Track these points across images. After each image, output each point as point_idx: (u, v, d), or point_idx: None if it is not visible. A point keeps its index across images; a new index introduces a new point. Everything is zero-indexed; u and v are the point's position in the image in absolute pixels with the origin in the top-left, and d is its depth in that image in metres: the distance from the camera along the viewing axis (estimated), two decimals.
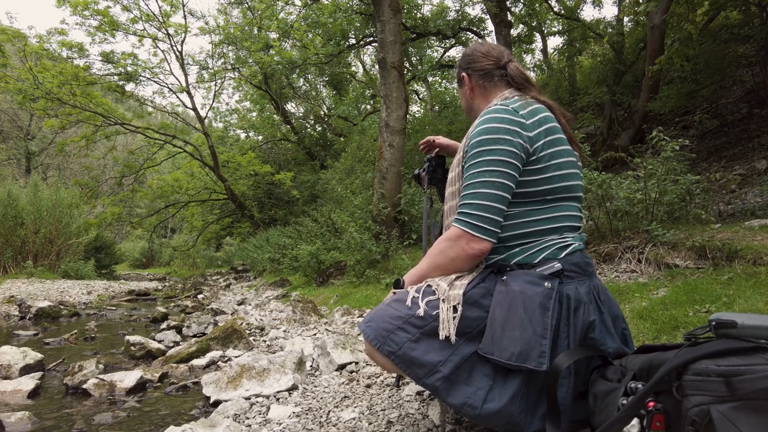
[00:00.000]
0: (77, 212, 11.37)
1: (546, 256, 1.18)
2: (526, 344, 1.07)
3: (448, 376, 1.11)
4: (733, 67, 6.90)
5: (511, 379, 1.10)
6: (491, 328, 1.12)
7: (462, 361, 1.12)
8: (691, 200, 3.48)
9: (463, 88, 1.45)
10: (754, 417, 0.75)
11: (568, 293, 1.14)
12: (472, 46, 1.46)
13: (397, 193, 6.31)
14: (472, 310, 1.15)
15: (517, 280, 1.15)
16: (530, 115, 1.21)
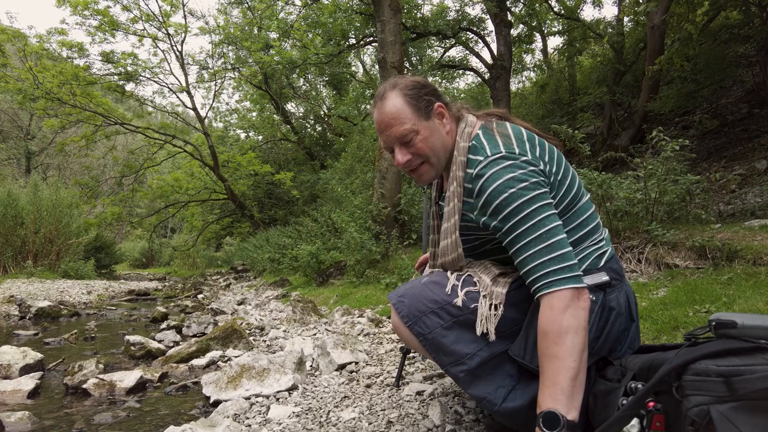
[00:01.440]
0: (77, 212, 11.38)
1: (587, 267, 1.15)
2: None
3: (473, 370, 1.11)
4: (733, 67, 6.90)
5: (534, 383, 1.07)
6: (527, 332, 1.10)
7: (490, 357, 1.11)
8: (691, 200, 3.48)
9: (433, 122, 1.21)
10: (754, 417, 0.75)
11: (611, 305, 1.13)
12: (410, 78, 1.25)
13: (397, 193, 6.31)
14: (512, 311, 1.13)
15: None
16: (525, 142, 1.15)
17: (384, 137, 1.22)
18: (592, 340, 1.09)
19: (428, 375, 1.92)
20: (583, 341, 0.99)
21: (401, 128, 1.18)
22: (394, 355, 2.33)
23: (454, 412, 1.50)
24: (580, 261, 1.14)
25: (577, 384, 0.97)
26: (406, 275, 4.63)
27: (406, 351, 1.87)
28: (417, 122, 1.19)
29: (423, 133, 1.19)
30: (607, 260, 1.18)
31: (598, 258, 1.17)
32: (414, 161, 1.22)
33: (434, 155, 1.21)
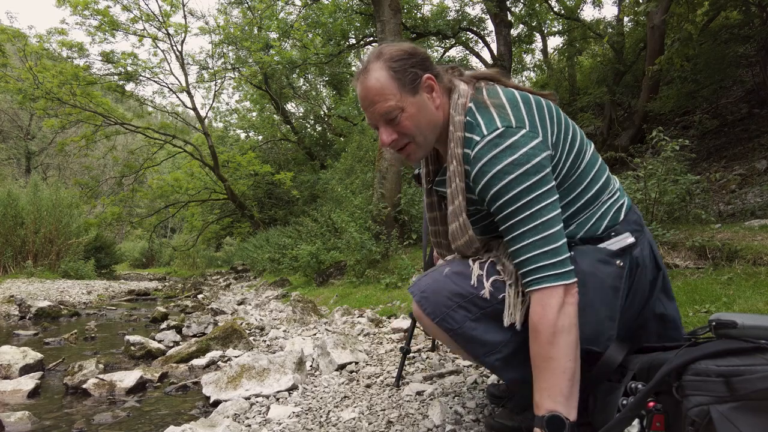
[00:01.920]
0: (77, 212, 11.38)
1: (608, 224, 1.11)
2: (595, 329, 1.04)
3: (507, 356, 1.09)
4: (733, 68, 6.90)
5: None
6: None
7: (523, 342, 1.07)
8: (691, 200, 3.48)
9: (420, 97, 1.10)
10: (754, 417, 0.75)
11: (638, 261, 1.10)
12: (396, 46, 1.13)
13: (397, 193, 6.31)
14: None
15: (586, 259, 1.06)
16: (521, 107, 1.06)
17: (368, 113, 1.12)
18: (623, 298, 1.07)
19: (428, 375, 1.92)
20: (576, 339, 0.98)
21: (385, 105, 1.08)
22: (394, 355, 2.33)
23: (454, 412, 1.50)
24: (599, 219, 1.11)
25: (574, 383, 0.96)
26: (406, 275, 4.63)
27: (406, 351, 1.87)
28: (402, 98, 1.08)
29: (409, 110, 1.09)
30: (627, 212, 1.14)
31: (618, 211, 1.13)
32: (400, 141, 1.13)
33: (421, 134, 1.12)
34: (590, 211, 1.12)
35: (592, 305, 1.03)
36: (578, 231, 1.11)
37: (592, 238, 1.11)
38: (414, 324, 1.95)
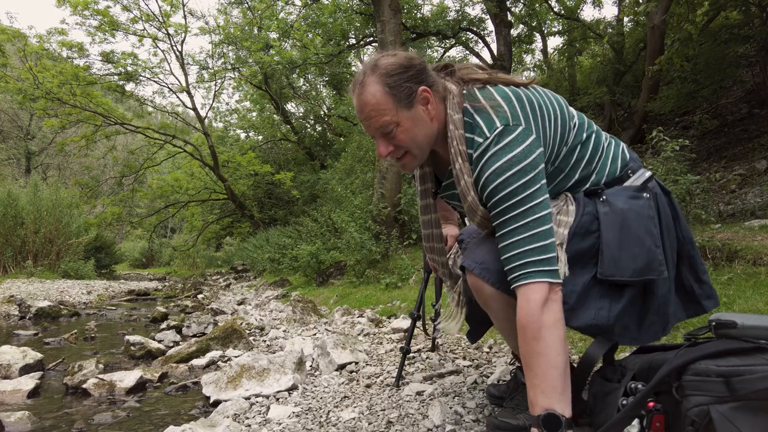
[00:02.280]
0: (77, 212, 11.39)
1: (621, 164, 1.20)
2: (645, 258, 1.10)
3: (573, 306, 1.11)
4: (733, 68, 6.90)
5: (624, 293, 1.13)
6: (608, 250, 1.11)
7: (583, 288, 1.12)
8: (691, 200, 3.48)
9: (416, 110, 1.12)
10: (754, 417, 0.75)
11: (655, 191, 1.18)
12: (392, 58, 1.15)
13: (397, 193, 6.31)
14: (585, 240, 1.13)
15: (619, 198, 1.14)
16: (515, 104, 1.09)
17: (364, 125, 1.16)
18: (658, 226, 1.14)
19: (428, 375, 1.92)
20: (562, 334, 0.99)
21: (380, 120, 1.11)
22: (394, 355, 2.33)
23: (454, 412, 1.50)
24: (613, 160, 1.20)
25: (566, 378, 0.98)
26: (406, 275, 4.63)
27: (406, 351, 1.87)
28: (398, 113, 1.11)
29: (404, 125, 1.12)
30: (629, 152, 1.24)
31: (624, 152, 1.23)
32: (396, 152, 1.17)
33: (416, 146, 1.16)
34: (602, 157, 1.20)
35: (638, 238, 1.10)
36: (601, 176, 1.19)
37: (614, 179, 1.18)
38: (414, 324, 1.95)
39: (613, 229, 1.11)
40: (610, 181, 1.19)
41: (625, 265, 1.09)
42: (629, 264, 1.09)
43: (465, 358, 2.13)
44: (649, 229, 1.11)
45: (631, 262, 1.09)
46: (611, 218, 1.12)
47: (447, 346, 2.39)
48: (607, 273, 1.10)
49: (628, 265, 1.09)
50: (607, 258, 1.10)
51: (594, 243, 1.13)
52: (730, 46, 6.58)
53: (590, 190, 1.19)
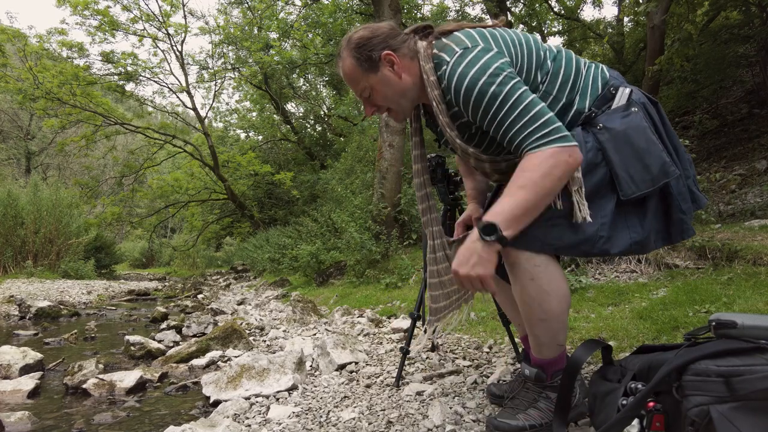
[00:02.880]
0: (77, 212, 11.38)
1: (602, 81, 1.24)
2: (657, 165, 1.16)
3: (609, 236, 1.17)
4: (733, 68, 6.90)
5: (647, 204, 1.20)
6: (622, 172, 1.16)
7: (612, 216, 1.17)
8: None
9: (382, 73, 1.24)
10: (754, 417, 0.75)
11: (640, 100, 1.22)
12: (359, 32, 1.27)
13: (397, 193, 6.31)
14: (597, 173, 1.17)
15: (614, 122, 1.18)
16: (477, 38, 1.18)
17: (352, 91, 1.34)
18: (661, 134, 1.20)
19: (428, 375, 1.92)
20: (550, 187, 1.07)
21: (357, 87, 1.29)
22: (394, 355, 2.33)
23: (454, 412, 1.50)
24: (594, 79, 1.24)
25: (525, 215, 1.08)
26: (406, 275, 4.63)
27: (406, 351, 1.87)
28: (367, 79, 1.26)
29: (376, 87, 1.26)
30: (608, 70, 1.27)
31: (603, 71, 1.26)
32: (380, 110, 1.33)
33: (393, 102, 1.29)
34: (584, 78, 1.24)
35: (644, 149, 1.16)
36: (584, 100, 1.22)
37: (599, 99, 1.22)
38: (414, 324, 1.96)
39: (620, 152, 1.16)
40: (596, 100, 1.23)
41: (641, 179, 1.16)
42: (645, 176, 1.15)
43: (465, 358, 2.13)
44: (649, 138, 1.17)
45: (647, 174, 1.15)
46: (614, 143, 1.17)
47: (447, 346, 2.39)
48: (629, 192, 1.16)
49: (644, 178, 1.15)
50: (623, 180, 1.16)
51: (605, 172, 1.18)
52: (730, 46, 6.57)
53: (586, 120, 1.22)
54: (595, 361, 1.82)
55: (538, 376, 1.31)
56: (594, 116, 1.21)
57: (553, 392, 1.29)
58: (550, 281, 1.19)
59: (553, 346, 1.27)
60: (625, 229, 1.19)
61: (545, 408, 1.29)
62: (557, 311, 1.21)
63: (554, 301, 1.20)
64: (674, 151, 1.25)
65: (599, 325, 2.15)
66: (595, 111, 1.21)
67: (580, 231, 1.16)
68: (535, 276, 1.19)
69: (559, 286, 1.21)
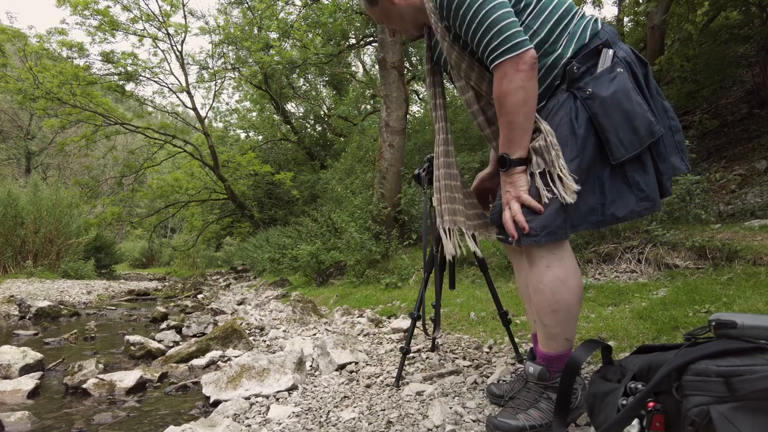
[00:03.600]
0: (77, 212, 11.38)
1: (591, 31, 1.25)
2: (646, 124, 1.19)
3: (613, 198, 1.22)
4: (733, 68, 6.89)
5: (644, 161, 1.23)
6: (612, 137, 1.19)
7: (609, 181, 1.22)
8: (691, 200, 3.48)
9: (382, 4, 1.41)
10: (754, 417, 0.75)
11: (627, 60, 1.23)
12: None
13: (397, 193, 6.31)
14: (588, 144, 1.20)
15: (602, 87, 1.19)
16: None
17: None
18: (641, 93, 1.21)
19: (428, 375, 1.92)
20: (522, 98, 1.16)
21: (373, 16, 1.50)
22: (394, 355, 2.33)
23: (454, 412, 1.50)
24: (584, 29, 1.25)
25: (518, 132, 1.19)
26: (406, 275, 4.63)
27: (406, 351, 1.87)
28: (373, 11, 1.46)
29: (381, 18, 1.47)
30: (603, 24, 1.28)
31: (596, 22, 1.27)
32: (395, 32, 1.56)
33: (397, 25, 1.48)
34: (572, 26, 1.26)
35: (632, 111, 1.19)
36: (568, 47, 1.24)
37: (584, 52, 1.23)
38: (414, 324, 1.95)
39: (609, 117, 1.19)
40: (579, 50, 1.24)
41: (630, 141, 1.19)
42: (634, 138, 1.19)
43: (465, 358, 2.13)
44: (635, 99, 1.20)
45: (635, 136, 1.19)
46: (603, 108, 1.19)
47: (447, 346, 2.39)
48: (619, 156, 1.19)
49: (633, 140, 1.19)
50: (614, 145, 1.19)
51: (595, 141, 1.21)
52: (730, 46, 6.57)
53: (570, 77, 1.23)
54: (595, 361, 1.82)
55: (541, 374, 1.31)
56: (578, 75, 1.22)
57: (554, 392, 1.28)
58: (565, 270, 1.22)
59: (561, 339, 1.27)
60: (629, 191, 1.22)
61: (546, 408, 1.29)
62: (569, 301, 1.22)
63: (567, 290, 1.21)
64: (663, 111, 1.28)
65: (599, 325, 2.15)
66: (578, 66, 1.21)
67: (584, 203, 1.21)
68: (551, 263, 1.22)
69: (573, 276, 1.23)
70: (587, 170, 1.20)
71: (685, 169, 1.29)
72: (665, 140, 1.26)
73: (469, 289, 3.60)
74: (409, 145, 8.40)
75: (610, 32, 1.27)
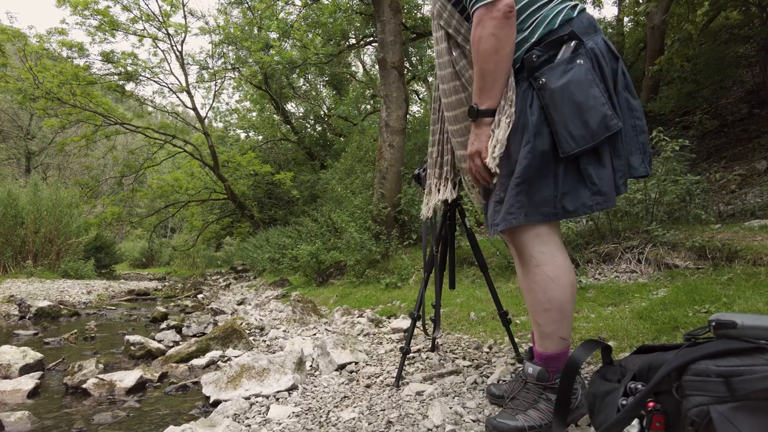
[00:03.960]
0: (77, 212, 11.38)
1: (564, 18, 1.21)
2: (597, 119, 1.15)
3: (565, 192, 1.19)
4: (733, 68, 6.90)
5: (601, 154, 1.19)
6: (561, 130, 1.16)
7: (563, 174, 1.18)
8: (691, 200, 3.48)
9: None
10: (754, 417, 0.75)
11: (594, 52, 1.19)
12: None
13: (397, 193, 6.31)
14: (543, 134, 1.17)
15: (553, 78, 1.17)
16: None
17: None
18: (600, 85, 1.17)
19: (428, 375, 1.92)
20: (493, 46, 1.16)
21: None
22: (394, 355, 2.33)
23: (454, 412, 1.50)
24: (556, 15, 1.22)
25: (488, 80, 1.19)
26: (406, 275, 4.63)
27: (406, 351, 1.87)
28: None
29: None
30: (580, 12, 1.24)
31: (572, 9, 1.24)
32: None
33: None
34: (544, 12, 1.23)
35: (584, 104, 1.15)
36: (535, 32, 1.22)
37: (549, 39, 1.21)
38: (414, 324, 1.95)
39: (557, 109, 1.16)
40: (545, 36, 1.21)
41: (581, 134, 1.14)
42: (584, 132, 1.14)
43: (465, 358, 2.13)
44: (591, 92, 1.15)
45: (585, 129, 1.14)
46: (552, 100, 1.16)
47: (447, 346, 2.39)
48: (567, 150, 1.15)
49: (584, 133, 1.14)
50: (562, 137, 1.16)
51: (550, 131, 1.18)
52: (730, 46, 6.57)
53: (530, 65, 1.21)
54: (595, 361, 1.82)
55: (540, 375, 1.31)
56: (537, 64, 1.19)
57: (553, 393, 1.28)
58: (555, 268, 1.21)
59: (555, 338, 1.26)
60: (582, 185, 1.18)
61: (545, 409, 1.29)
62: (561, 300, 1.21)
63: (558, 288, 1.21)
64: (628, 108, 1.24)
65: (599, 325, 2.15)
66: (537, 55, 1.20)
67: (538, 194, 1.19)
68: (541, 262, 1.21)
69: (565, 275, 1.22)
70: (540, 160, 1.17)
71: (644, 171, 1.24)
72: (625, 138, 1.22)
73: (469, 289, 3.60)
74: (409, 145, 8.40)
75: (585, 21, 1.23)
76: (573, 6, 1.24)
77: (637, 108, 1.25)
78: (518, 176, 1.18)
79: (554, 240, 1.24)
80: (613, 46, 1.26)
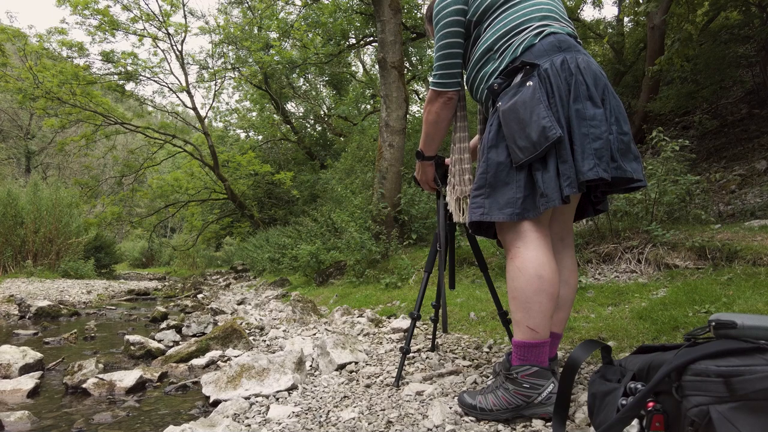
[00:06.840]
0: (77, 212, 11.37)
1: (525, 45, 1.37)
2: (536, 131, 1.27)
3: (525, 195, 1.34)
4: (733, 68, 6.89)
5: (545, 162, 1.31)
6: (511, 143, 1.34)
7: (524, 180, 1.34)
8: (691, 200, 3.48)
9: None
10: (754, 417, 0.75)
11: (547, 73, 1.31)
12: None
13: (396, 193, 6.31)
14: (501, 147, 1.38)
15: (504, 100, 1.37)
16: None
17: None
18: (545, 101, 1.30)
19: (428, 375, 1.92)
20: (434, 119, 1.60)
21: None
22: (393, 355, 2.33)
23: (454, 412, 1.50)
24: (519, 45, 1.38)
25: (427, 139, 1.69)
26: (406, 275, 4.63)
27: (405, 351, 1.87)
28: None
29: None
30: (543, 37, 1.37)
31: (535, 36, 1.37)
32: None
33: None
34: (516, 42, 1.39)
35: (526, 120, 1.30)
36: (503, 62, 1.41)
37: (510, 67, 1.38)
38: (414, 324, 1.96)
39: (508, 126, 1.34)
40: (509, 64, 1.39)
41: (525, 146, 1.30)
42: (528, 144, 1.29)
43: (465, 358, 2.13)
44: (534, 109, 1.29)
45: (528, 142, 1.29)
46: (503, 119, 1.35)
47: (447, 346, 2.39)
48: (517, 159, 1.33)
49: (528, 145, 1.29)
50: (512, 150, 1.34)
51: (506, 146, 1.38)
52: (730, 46, 6.57)
53: (493, 92, 1.42)
54: (595, 361, 1.82)
55: (503, 363, 1.43)
56: (499, 91, 1.40)
57: (512, 384, 1.35)
58: (523, 261, 1.34)
59: (522, 326, 1.33)
60: (534, 189, 1.33)
61: (501, 396, 1.37)
62: (525, 290, 1.32)
63: (523, 279, 1.32)
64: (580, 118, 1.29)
65: (599, 325, 2.15)
66: (498, 83, 1.40)
67: (503, 196, 1.36)
68: (514, 256, 1.37)
69: (532, 266, 1.32)
70: (497, 168, 1.37)
71: (593, 175, 1.25)
72: (576, 145, 1.27)
73: (469, 289, 3.60)
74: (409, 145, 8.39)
75: (546, 45, 1.35)
76: (537, 33, 1.37)
77: (594, 117, 1.29)
78: (476, 182, 1.43)
79: (532, 236, 1.35)
80: (581, 60, 1.34)
